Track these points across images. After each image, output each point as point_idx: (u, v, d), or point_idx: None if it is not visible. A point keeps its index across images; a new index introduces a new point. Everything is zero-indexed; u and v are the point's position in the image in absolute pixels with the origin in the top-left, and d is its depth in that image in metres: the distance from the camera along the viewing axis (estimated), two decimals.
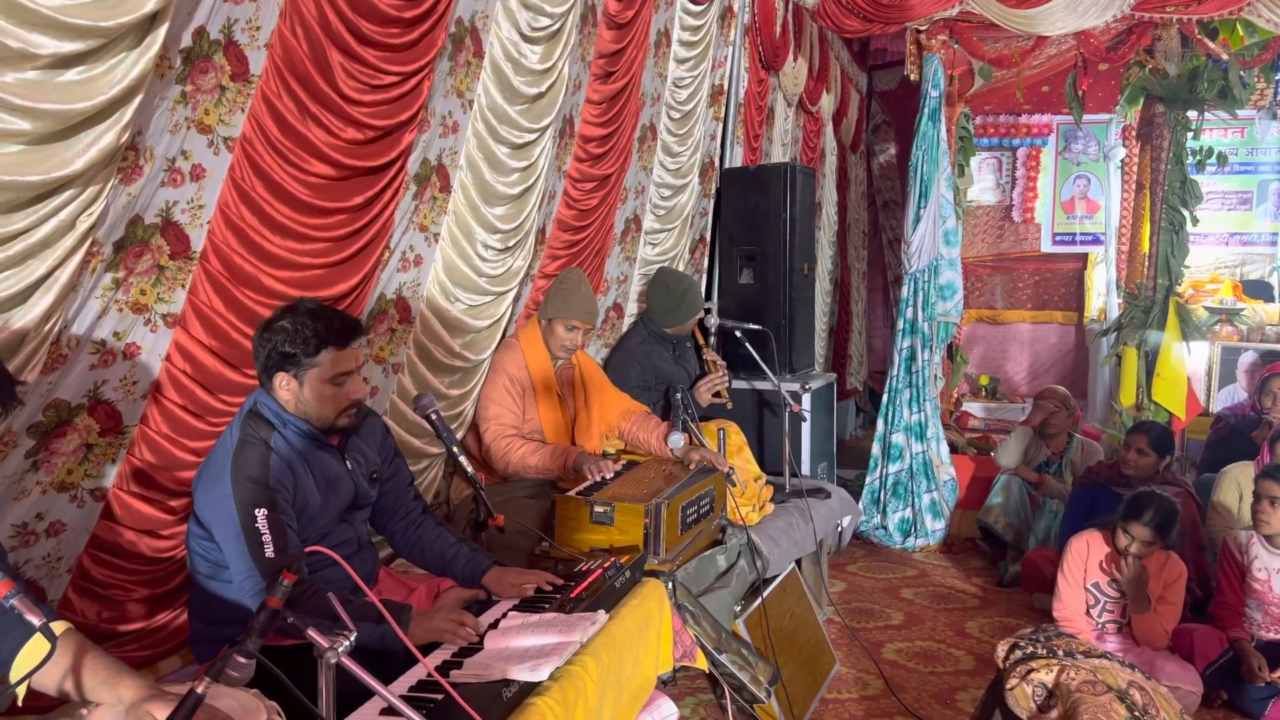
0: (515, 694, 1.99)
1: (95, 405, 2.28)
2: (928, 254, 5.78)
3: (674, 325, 4.46)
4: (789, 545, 3.92)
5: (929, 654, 4.13)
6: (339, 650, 1.69)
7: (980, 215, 8.88)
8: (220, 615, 2.30)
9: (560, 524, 3.10)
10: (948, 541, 5.71)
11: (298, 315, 2.29)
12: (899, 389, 5.88)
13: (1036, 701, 2.43)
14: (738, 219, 5.26)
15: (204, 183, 2.38)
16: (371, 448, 2.59)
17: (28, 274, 1.92)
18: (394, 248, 3.09)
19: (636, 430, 3.87)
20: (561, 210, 4.03)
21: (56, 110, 1.85)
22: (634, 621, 2.54)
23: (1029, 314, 8.82)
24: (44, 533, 2.25)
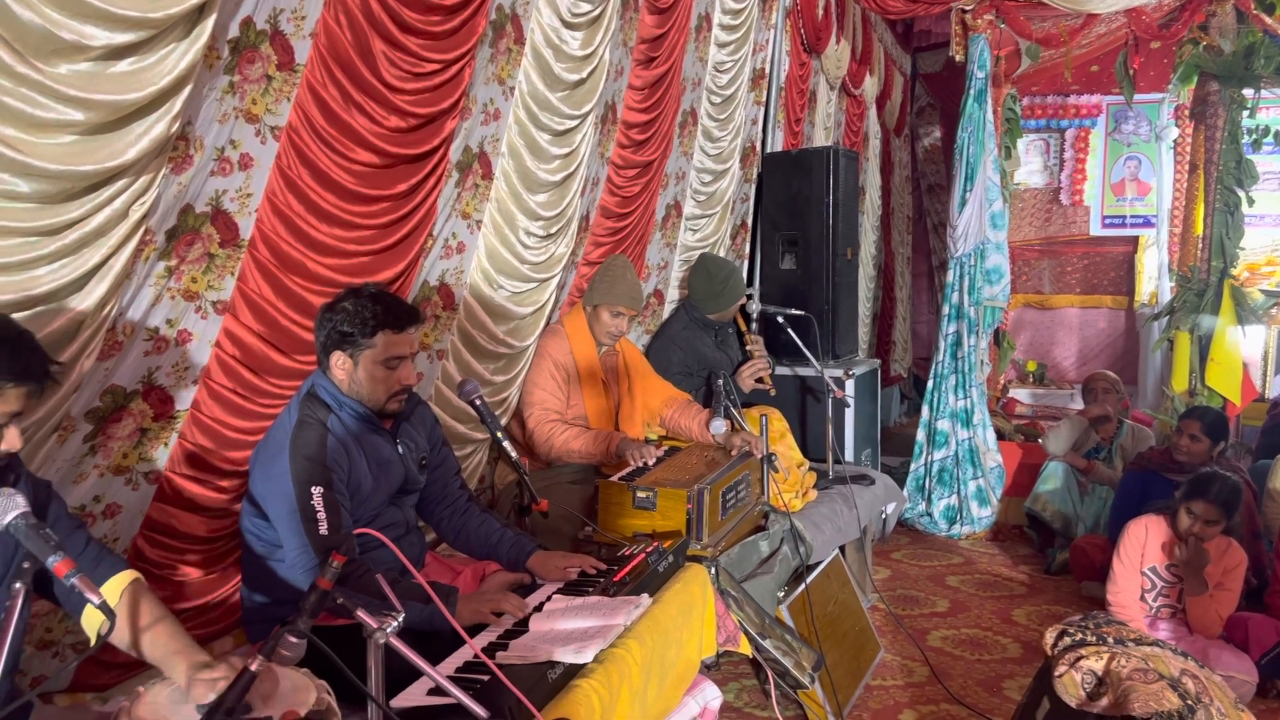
0: (560, 675, 2.01)
1: (149, 390, 2.33)
2: (974, 238, 5.70)
3: (716, 311, 4.45)
4: (832, 532, 3.90)
5: (975, 641, 4.09)
6: (387, 630, 1.71)
7: (1027, 198, 8.73)
8: (273, 595, 2.36)
9: (603, 509, 3.11)
10: (994, 529, 5.65)
11: (360, 298, 2.37)
12: (944, 375, 5.81)
13: (1086, 689, 2.39)
14: (779, 204, 5.22)
15: (252, 171, 2.41)
16: (421, 434, 2.64)
17: (83, 262, 1.96)
18: (437, 235, 3.12)
19: (678, 417, 3.87)
20: (604, 197, 4.04)
21: (108, 101, 1.89)
22: (677, 606, 2.54)
23: (1078, 298, 8.66)
24: (101, 514, 2.31)
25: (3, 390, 1.47)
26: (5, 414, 1.49)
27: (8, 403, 1.48)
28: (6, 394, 1.48)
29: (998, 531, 5.63)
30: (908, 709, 3.46)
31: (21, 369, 1.49)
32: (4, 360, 1.47)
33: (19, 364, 1.48)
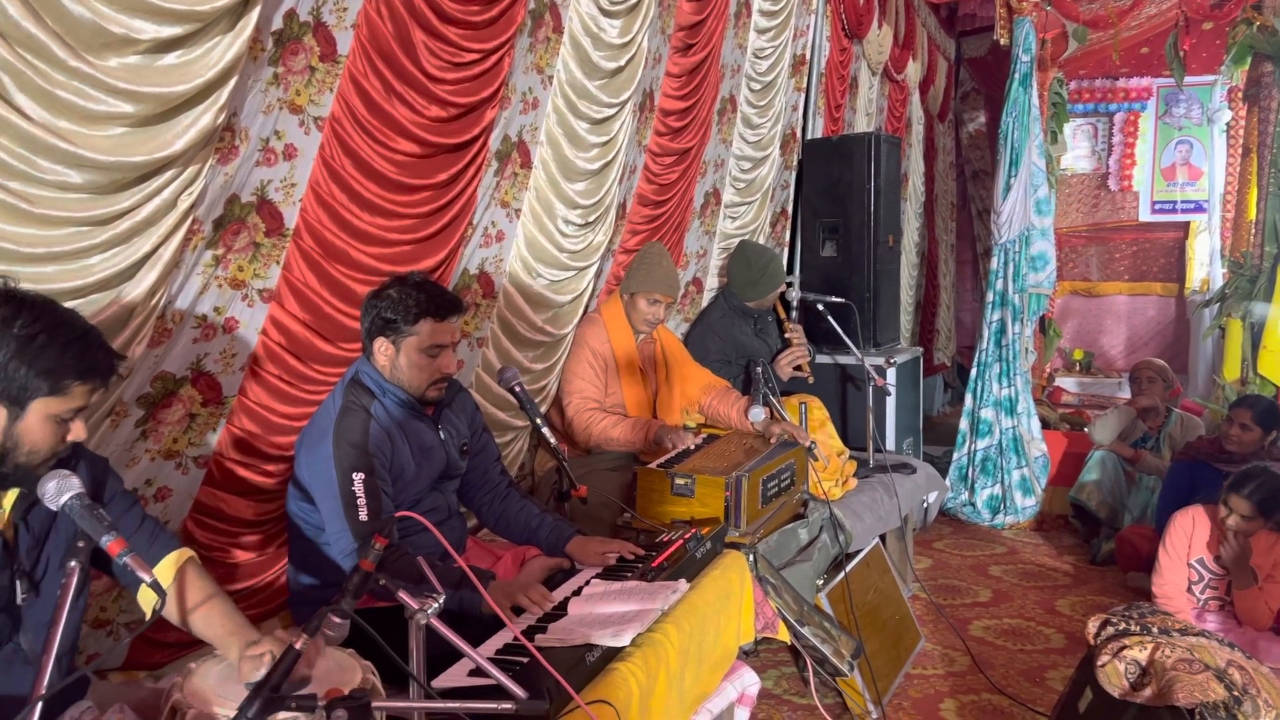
0: (598, 659, 2.03)
1: (198, 377, 2.38)
2: (1018, 224, 5.62)
3: (755, 299, 4.43)
4: (872, 520, 3.88)
5: (1018, 631, 4.05)
6: (428, 612, 1.74)
7: (1075, 184, 8.58)
8: (319, 577, 2.41)
9: (641, 496, 3.13)
10: (1038, 519, 5.58)
11: (405, 286, 2.41)
12: (988, 363, 5.74)
13: (1129, 679, 2.37)
14: (820, 191, 5.19)
15: (296, 162, 2.45)
16: (463, 421, 2.67)
17: (134, 251, 2.01)
18: (476, 224, 3.15)
19: (717, 404, 3.87)
20: (641, 185, 4.04)
21: (157, 93, 1.93)
22: (715, 592, 2.55)
23: (1126, 285, 8.50)
24: (153, 498, 2.37)
25: (70, 388, 1.51)
26: (71, 410, 1.53)
27: (73, 399, 1.53)
28: (73, 391, 1.52)
29: (1042, 521, 5.57)
30: (948, 698, 3.44)
31: (88, 367, 1.53)
32: (72, 359, 1.51)
33: (86, 362, 1.53)
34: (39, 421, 1.50)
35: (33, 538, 1.60)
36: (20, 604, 1.57)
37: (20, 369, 1.47)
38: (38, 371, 1.48)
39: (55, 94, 1.80)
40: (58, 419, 1.52)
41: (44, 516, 1.62)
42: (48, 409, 1.50)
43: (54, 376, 1.49)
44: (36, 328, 1.48)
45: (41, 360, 1.48)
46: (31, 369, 1.48)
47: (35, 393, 1.49)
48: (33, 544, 1.60)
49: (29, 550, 1.59)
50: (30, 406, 1.49)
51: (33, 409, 1.49)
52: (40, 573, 1.60)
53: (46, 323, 1.50)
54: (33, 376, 1.48)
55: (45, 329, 1.49)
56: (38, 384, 1.48)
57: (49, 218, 1.86)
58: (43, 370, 1.48)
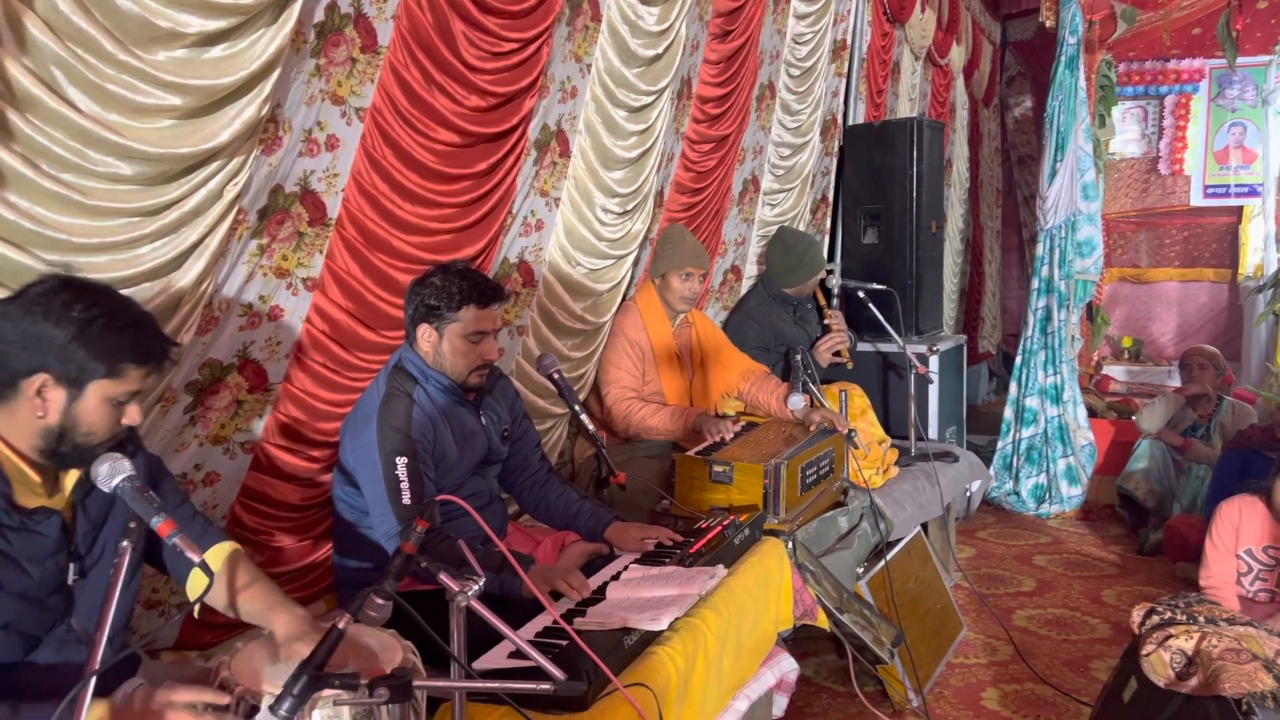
0: (636, 642, 2.04)
1: (244, 364, 2.43)
2: (1064, 209, 5.53)
3: (794, 285, 4.41)
4: (914, 509, 3.86)
5: (1062, 621, 4.01)
6: (469, 594, 1.77)
7: (1124, 168, 8.41)
8: (363, 560, 2.45)
9: (680, 483, 3.14)
10: (1084, 508, 5.50)
11: (448, 273, 2.45)
12: (1033, 350, 5.66)
13: (1175, 669, 2.33)
14: (862, 177, 5.15)
15: (338, 152, 2.49)
16: (503, 407, 2.70)
17: (182, 240, 2.06)
18: (516, 213, 3.17)
19: (756, 391, 3.86)
20: (679, 173, 4.04)
21: (203, 85, 1.97)
22: (753, 578, 2.56)
23: (1177, 272, 8.32)
24: (201, 482, 2.43)
25: (126, 371, 1.56)
26: (127, 393, 1.58)
27: (129, 382, 1.57)
28: (129, 374, 1.56)
29: (1088, 511, 5.49)
30: (990, 687, 3.41)
31: (144, 351, 1.57)
32: (128, 342, 1.55)
33: (142, 346, 1.57)
34: (96, 403, 1.55)
35: (90, 522, 1.65)
36: (71, 585, 1.62)
37: (79, 351, 1.52)
38: (95, 354, 1.52)
39: (105, 88, 1.85)
40: (114, 401, 1.57)
41: (102, 503, 1.67)
42: (104, 391, 1.55)
43: (111, 359, 1.54)
44: (94, 312, 1.53)
45: (99, 344, 1.52)
46: (89, 352, 1.52)
47: (93, 375, 1.53)
48: (89, 528, 1.65)
49: (85, 534, 1.64)
50: (88, 388, 1.54)
51: (90, 391, 1.54)
52: (95, 557, 1.65)
53: (104, 308, 1.54)
54: (90, 359, 1.52)
55: (103, 313, 1.53)
56: (95, 366, 1.53)
57: (101, 209, 1.90)
58: (100, 353, 1.53)
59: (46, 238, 1.82)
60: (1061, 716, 3.20)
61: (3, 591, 1.50)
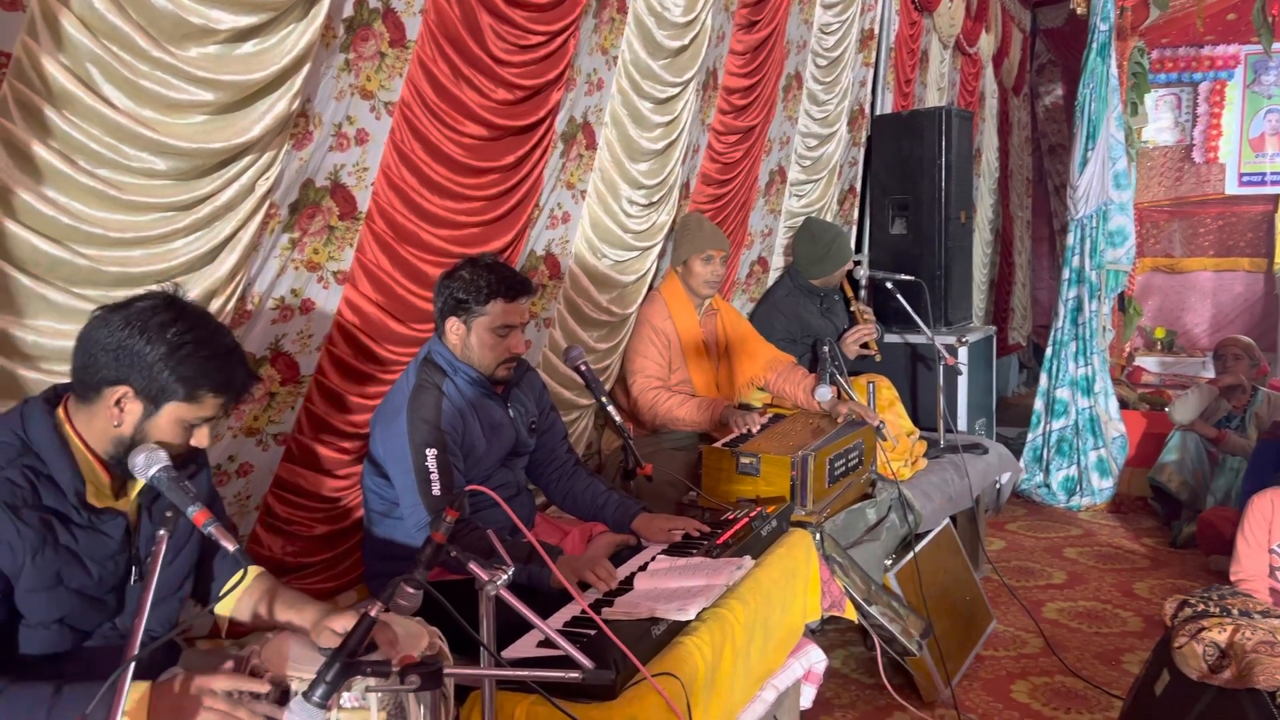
0: (664, 632, 2.05)
1: (276, 356, 2.46)
2: (1095, 198, 5.46)
3: (821, 276, 4.40)
4: (942, 501, 3.84)
5: (1093, 614, 3.98)
6: (498, 583, 1.78)
7: (1157, 157, 8.29)
8: (393, 551, 2.48)
9: (707, 475, 3.14)
10: (1116, 501, 5.45)
11: (477, 267, 2.47)
12: (1064, 341, 5.61)
13: (1208, 661, 2.31)
14: (889, 167, 5.12)
15: (367, 146, 2.51)
16: (531, 400, 2.72)
17: (215, 235, 2.09)
18: (543, 205, 3.18)
19: (783, 382, 3.85)
20: (705, 164, 4.03)
21: (235, 81, 2.00)
22: (781, 569, 2.56)
23: (1211, 261, 8.19)
24: (235, 473, 2.46)
25: (203, 398, 1.60)
26: (200, 418, 1.62)
27: (204, 409, 1.61)
28: (205, 401, 1.60)
29: (1119, 503, 5.44)
30: (1020, 680, 3.39)
31: (224, 382, 1.61)
32: (212, 371, 1.59)
33: (223, 377, 1.61)
34: (169, 423, 1.59)
35: (154, 526, 1.68)
36: (131, 587, 1.66)
37: (164, 372, 1.56)
38: (178, 377, 1.57)
39: (139, 84, 1.88)
40: (186, 424, 1.61)
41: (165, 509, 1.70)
42: (179, 413, 1.59)
43: (192, 385, 1.58)
44: (188, 337, 1.57)
45: (184, 368, 1.57)
46: (174, 374, 1.56)
47: (172, 395, 1.58)
48: (153, 533, 1.68)
49: (148, 539, 1.68)
50: (164, 408, 1.58)
51: (166, 410, 1.59)
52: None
53: (199, 335, 1.58)
54: (173, 381, 1.57)
55: (195, 340, 1.58)
56: (175, 388, 1.57)
57: (136, 203, 1.94)
58: (183, 377, 1.57)
59: (84, 232, 1.86)
60: (1092, 709, 3.18)
61: (63, 586, 1.55)
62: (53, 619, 1.55)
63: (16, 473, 1.52)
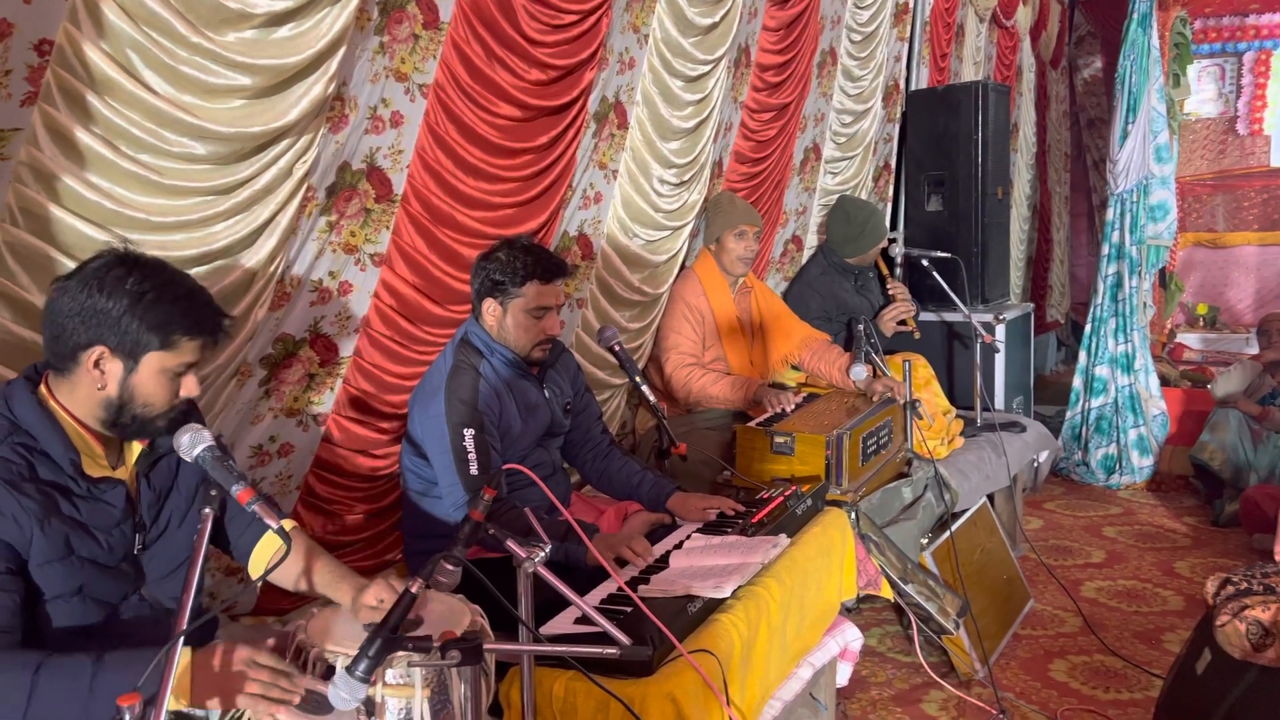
0: (700, 610, 2.06)
1: (315, 338, 2.50)
2: (1136, 172, 5.37)
3: (855, 255, 4.37)
4: (979, 479, 3.81)
5: (1133, 593, 3.94)
6: (535, 560, 1.80)
7: (1199, 129, 8.11)
8: (431, 529, 2.51)
9: (741, 454, 3.14)
10: (1156, 479, 5.37)
11: (513, 249, 2.48)
12: (1103, 318, 5.52)
13: (1251, 640, 2.28)
14: (925, 143, 5.06)
15: (402, 129, 2.53)
16: (566, 380, 2.74)
17: (254, 218, 2.11)
18: (575, 186, 3.19)
19: (817, 361, 3.84)
20: (738, 142, 4.01)
21: (272, 65, 2.01)
22: (816, 548, 2.56)
23: (1255, 235, 8.01)
24: (276, 453, 2.50)
25: (179, 342, 1.60)
26: (182, 364, 1.62)
27: (183, 354, 1.61)
28: (182, 346, 1.61)
29: (1160, 482, 5.36)
30: (1058, 659, 3.37)
31: (195, 322, 1.61)
32: (180, 314, 1.59)
33: (193, 318, 1.61)
34: (151, 375, 1.59)
35: (154, 494, 1.71)
36: (136, 554, 1.68)
37: (133, 323, 1.56)
38: (149, 326, 1.57)
39: (179, 69, 1.90)
40: (170, 373, 1.61)
41: (165, 475, 1.73)
42: (160, 363, 1.59)
43: (164, 331, 1.58)
44: (147, 285, 1.57)
45: (151, 315, 1.56)
46: (143, 324, 1.56)
47: (147, 347, 1.58)
48: (154, 500, 1.71)
49: (150, 505, 1.70)
50: (143, 360, 1.58)
51: (145, 363, 1.58)
52: (160, 529, 1.71)
53: (156, 281, 1.58)
54: (145, 331, 1.56)
55: (155, 287, 1.57)
56: (149, 338, 1.57)
57: (177, 188, 1.96)
58: (153, 325, 1.57)
59: (126, 217, 1.89)
60: (1132, 688, 3.16)
61: (75, 556, 1.57)
62: (71, 590, 1.57)
63: (9, 450, 1.53)
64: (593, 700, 1.83)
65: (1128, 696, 3.11)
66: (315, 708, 1.52)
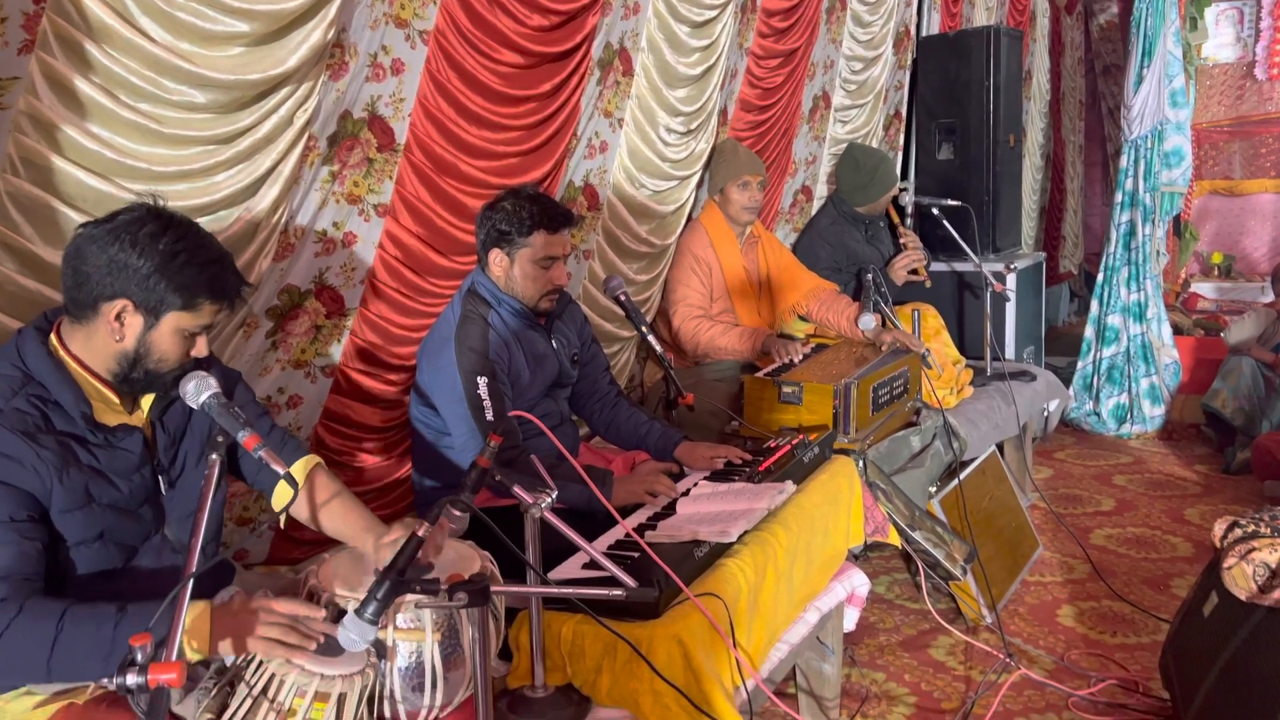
0: (706, 554, 2.08)
1: (321, 290, 2.49)
2: (1150, 118, 5.28)
3: (865, 203, 4.33)
4: (988, 428, 3.81)
5: (1142, 540, 3.94)
6: (542, 506, 1.81)
7: (1217, 75, 7.96)
8: (441, 478, 2.53)
9: (749, 404, 3.15)
10: (1167, 428, 5.36)
11: (519, 198, 2.46)
12: (1116, 267, 5.48)
13: (1258, 582, 2.28)
14: (936, 90, 4.99)
15: (404, 76, 2.50)
16: (573, 331, 2.74)
17: (256, 168, 2.10)
18: (580, 134, 3.15)
19: (825, 311, 3.82)
20: (744, 90, 3.96)
21: (270, 11, 1.99)
22: (823, 495, 2.57)
23: (1272, 183, 7.89)
24: (285, 405, 2.52)
25: (201, 305, 1.61)
26: (199, 326, 1.63)
27: (202, 316, 1.62)
28: (203, 309, 1.62)
29: (1171, 430, 5.35)
30: (1066, 604, 3.39)
31: (220, 288, 1.63)
32: (207, 279, 1.60)
33: (219, 284, 1.62)
34: (169, 333, 1.61)
35: (169, 437, 1.72)
36: (161, 497, 1.70)
37: (160, 283, 1.57)
38: (175, 287, 1.58)
39: (175, 15, 1.88)
40: (186, 333, 1.62)
41: (178, 418, 1.74)
42: (178, 323, 1.61)
43: (189, 293, 1.59)
44: (180, 246, 1.57)
45: (180, 277, 1.57)
46: (170, 284, 1.57)
47: (170, 306, 1.59)
48: (169, 443, 1.72)
49: (166, 448, 1.72)
50: (164, 318, 1.60)
51: (166, 320, 1.60)
52: (178, 470, 1.73)
53: (189, 243, 1.59)
54: (170, 291, 1.58)
55: (187, 248, 1.58)
56: (173, 299, 1.58)
57: (178, 137, 1.95)
58: (179, 286, 1.58)
59: (127, 166, 1.88)
60: (1139, 633, 3.18)
61: (95, 504, 1.58)
62: (93, 536, 1.59)
63: (24, 402, 1.54)
64: (600, 643, 1.85)
65: (1135, 641, 3.13)
66: (326, 650, 1.54)
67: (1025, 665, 2.96)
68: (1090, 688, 2.82)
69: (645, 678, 1.80)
